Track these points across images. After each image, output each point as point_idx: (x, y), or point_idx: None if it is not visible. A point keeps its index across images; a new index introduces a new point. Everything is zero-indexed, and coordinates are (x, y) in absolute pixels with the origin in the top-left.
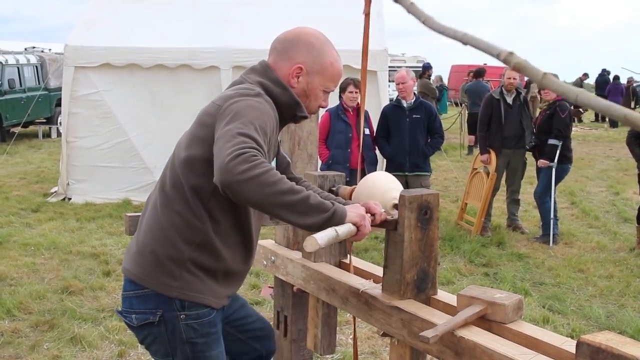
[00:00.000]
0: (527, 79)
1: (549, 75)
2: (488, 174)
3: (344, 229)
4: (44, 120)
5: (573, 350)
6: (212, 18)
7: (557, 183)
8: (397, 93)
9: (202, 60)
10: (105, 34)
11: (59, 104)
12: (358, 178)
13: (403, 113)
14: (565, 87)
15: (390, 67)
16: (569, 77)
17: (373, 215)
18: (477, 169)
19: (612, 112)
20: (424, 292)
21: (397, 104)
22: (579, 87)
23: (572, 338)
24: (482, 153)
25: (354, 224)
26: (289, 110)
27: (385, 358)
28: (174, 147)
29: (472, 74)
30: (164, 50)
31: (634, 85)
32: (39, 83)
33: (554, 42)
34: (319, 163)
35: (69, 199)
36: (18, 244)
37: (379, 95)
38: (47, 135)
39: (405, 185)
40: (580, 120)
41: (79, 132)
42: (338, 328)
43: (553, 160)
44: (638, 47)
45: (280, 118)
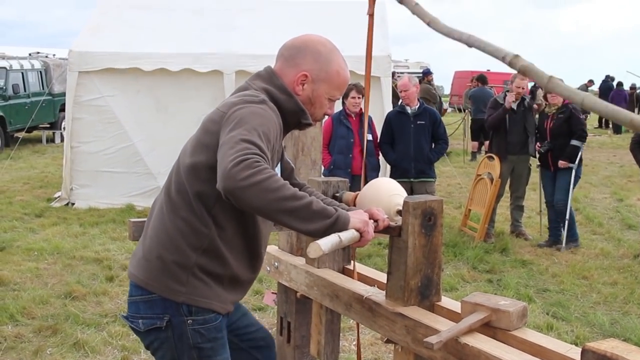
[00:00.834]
0: (531, 87)
1: (555, 79)
2: (492, 180)
3: (347, 235)
4: (48, 125)
5: (578, 358)
6: (215, 24)
7: (574, 185)
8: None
9: (205, 65)
10: (110, 40)
11: (63, 109)
12: (362, 184)
13: (407, 119)
14: (572, 90)
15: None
16: (574, 83)
17: (376, 222)
18: (480, 175)
19: (618, 116)
20: (428, 298)
21: (401, 110)
22: None
23: (576, 345)
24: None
25: (357, 230)
26: (294, 117)
27: None
28: (179, 152)
29: (476, 80)
30: (168, 55)
31: (638, 92)
32: (43, 88)
33: (558, 48)
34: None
35: (73, 204)
36: (21, 249)
37: (382, 102)
38: (50, 140)
39: (411, 192)
40: None
41: (83, 137)
42: (341, 334)
43: (574, 162)
44: None
45: (285, 125)
